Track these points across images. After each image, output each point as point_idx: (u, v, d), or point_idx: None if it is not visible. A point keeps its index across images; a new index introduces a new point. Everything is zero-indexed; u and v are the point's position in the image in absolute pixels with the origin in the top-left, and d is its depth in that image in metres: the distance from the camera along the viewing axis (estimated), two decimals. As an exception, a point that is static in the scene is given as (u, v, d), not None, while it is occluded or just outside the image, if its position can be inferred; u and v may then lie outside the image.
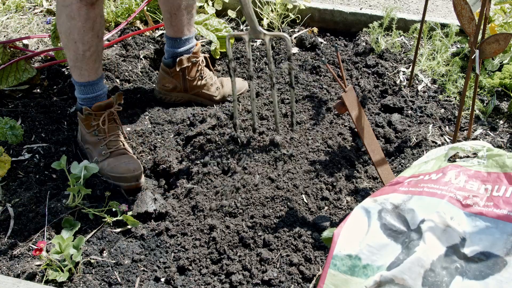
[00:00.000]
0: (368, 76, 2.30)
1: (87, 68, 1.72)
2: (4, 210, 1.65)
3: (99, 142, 1.79)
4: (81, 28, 1.62)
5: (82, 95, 1.78)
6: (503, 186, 1.08)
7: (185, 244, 1.55)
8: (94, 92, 1.78)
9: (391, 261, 1.04)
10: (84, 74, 1.73)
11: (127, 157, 1.78)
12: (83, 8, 1.59)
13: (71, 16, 1.60)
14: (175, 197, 1.73)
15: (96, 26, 1.65)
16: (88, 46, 1.67)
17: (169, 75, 2.11)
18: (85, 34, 1.64)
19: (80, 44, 1.65)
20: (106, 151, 1.78)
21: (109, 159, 1.77)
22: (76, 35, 1.63)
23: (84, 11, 1.59)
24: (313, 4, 2.70)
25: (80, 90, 1.78)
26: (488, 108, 2.08)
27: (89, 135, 1.80)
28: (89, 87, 1.76)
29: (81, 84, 1.76)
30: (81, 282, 1.43)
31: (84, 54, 1.68)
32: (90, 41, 1.66)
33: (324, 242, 1.25)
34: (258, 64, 2.45)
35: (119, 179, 1.72)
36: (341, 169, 1.83)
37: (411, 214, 1.10)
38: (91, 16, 1.61)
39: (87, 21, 1.61)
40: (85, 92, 1.77)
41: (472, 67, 1.65)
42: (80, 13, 1.59)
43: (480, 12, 1.58)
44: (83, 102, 1.79)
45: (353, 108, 1.56)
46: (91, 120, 1.78)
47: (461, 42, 2.49)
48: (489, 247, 1.00)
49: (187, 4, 1.97)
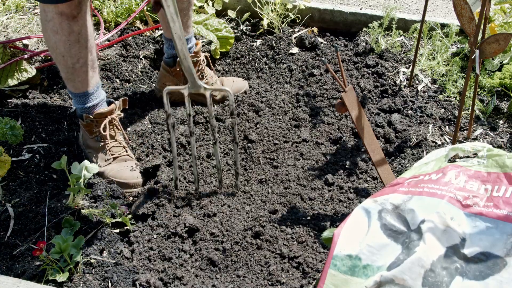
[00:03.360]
0: (368, 76, 2.30)
1: (79, 79, 1.69)
2: (4, 210, 1.65)
3: (101, 147, 1.79)
4: (66, 42, 1.58)
5: (79, 105, 1.76)
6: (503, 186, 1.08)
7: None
8: (91, 102, 1.75)
9: (391, 261, 1.04)
10: (77, 86, 1.70)
11: (130, 163, 1.79)
12: (64, 22, 1.54)
13: (55, 30, 1.56)
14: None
15: (82, 38, 1.61)
16: (76, 59, 1.63)
17: (170, 74, 2.12)
18: (71, 47, 1.60)
19: (68, 57, 1.62)
20: (109, 157, 1.77)
21: (112, 164, 1.77)
22: (63, 49, 1.60)
23: (66, 25, 1.55)
24: (313, 4, 2.70)
25: (77, 101, 1.75)
26: (488, 108, 2.08)
27: (91, 140, 1.80)
28: (85, 97, 1.74)
29: (76, 95, 1.73)
30: (81, 282, 1.43)
31: (74, 66, 1.65)
32: (77, 53, 1.62)
33: (324, 242, 1.25)
34: (258, 64, 2.45)
35: (122, 184, 1.73)
36: (341, 169, 1.83)
37: (411, 214, 1.10)
38: (75, 30, 1.57)
39: (71, 34, 1.57)
40: (81, 102, 1.75)
41: (472, 67, 1.65)
42: (63, 27, 1.55)
43: (480, 12, 1.58)
44: (82, 111, 1.77)
45: (353, 108, 1.56)
46: (93, 126, 1.77)
47: (461, 42, 2.49)
48: (489, 248, 1.00)
49: (182, 6, 1.95)
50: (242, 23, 2.74)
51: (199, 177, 1.77)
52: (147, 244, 1.55)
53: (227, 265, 1.48)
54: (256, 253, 1.50)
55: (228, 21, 2.76)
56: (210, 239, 1.54)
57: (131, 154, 1.85)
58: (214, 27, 2.44)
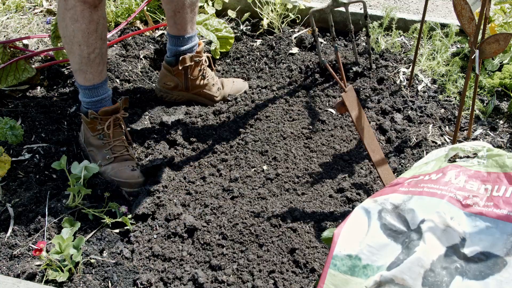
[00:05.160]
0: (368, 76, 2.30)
1: (92, 71, 1.71)
2: (4, 210, 1.65)
3: (104, 146, 1.79)
4: (85, 30, 1.62)
5: (87, 98, 1.77)
6: (503, 186, 1.08)
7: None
8: (99, 95, 1.77)
9: (391, 261, 1.04)
10: (89, 78, 1.73)
11: (131, 163, 1.79)
12: (86, 10, 1.59)
13: (75, 18, 1.60)
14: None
15: (100, 28, 1.65)
16: (92, 48, 1.67)
17: (171, 73, 2.11)
18: (89, 36, 1.64)
19: (85, 46, 1.65)
20: (111, 156, 1.78)
21: (113, 163, 1.77)
22: (81, 37, 1.63)
23: (88, 13, 1.60)
24: (313, 4, 2.70)
25: (85, 94, 1.77)
26: (488, 108, 2.08)
27: (93, 138, 1.80)
28: (94, 90, 1.76)
29: (86, 87, 1.75)
30: (81, 282, 1.43)
31: (89, 56, 1.68)
32: (94, 43, 1.66)
33: (324, 242, 1.25)
34: (258, 64, 2.45)
35: (122, 184, 1.73)
36: (340, 169, 1.83)
37: (411, 214, 1.10)
38: (94, 18, 1.62)
39: (91, 23, 1.62)
40: (89, 95, 1.76)
41: (472, 67, 1.65)
42: (84, 15, 1.60)
43: (480, 12, 1.58)
44: (88, 105, 1.78)
45: (353, 108, 1.57)
46: (97, 124, 1.78)
47: (461, 42, 2.49)
48: (489, 247, 1.00)
49: (191, 2, 1.97)
50: (242, 23, 2.74)
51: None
52: (147, 244, 1.55)
53: (227, 265, 1.48)
54: (257, 253, 1.50)
55: (228, 21, 2.76)
56: (210, 239, 1.54)
57: (132, 154, 1.85)
58: (214, 27, 2.44)
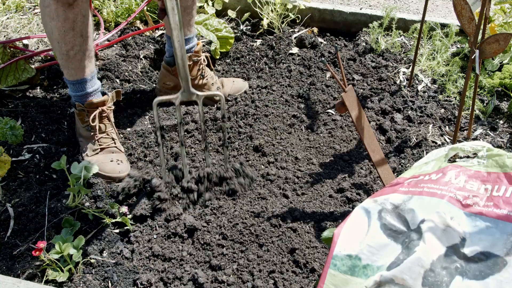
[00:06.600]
0: (368, 76, 2.30)
1: (73, 67, 1.73)
2: (4, 210, 1.65)
3: (91, 137, 1.82)
4: (61, 28, 1.63)
5: (73, 92, 1.81)
6: (503, 186, 1.08)
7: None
8: (84, 90, 1.79)
9: (391, 261, 1.04)
10: (71, 73, 1.75)
11: (117, 156, 1.81)
12: (60, 8, 1.59)
13: (51, 16, 1.61)
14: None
15: (77, 26, 1.64)
16: (71, 46, 1.67)
17: (170, 73, 2.12)
18: (65, 34, 1.64)
19: (62, 44, 1.66)
20: (97, 147, 1.81)
21: (99, 155, 1.79)
22: (58, 35, 1.64)
23: (62, 12, 1.60)
24: (313, 4, 2.70)
25: (71, 88, 1.80)
26: (488, 108, 2.08)
27: (83, 129, 1.84)
28: (78, 85, 1.77)
29: (70, 82, 1.78)
30: (81, 282, 1.43)
31: (68, 53, 1.69)
32: (72, 41, 1.66)
33: (324, 242, 1.25)
34: (258, 64, 2.45)
35: (103, 177, 1.75)
36: (340, 169, 1.83)
37: (411, 214, 1.10)
38: (70, 17, 1.61)
39: (66, 21, 1.61)
40: (75, 90, 1.79)
41: (472, 67, 1.65)
42: (58, 14, 1.60)
43: (480, 12, 1.58)
44: (75, 98, 1.82)
45: (353, 108, 1.56)
46: (84, 115, 1.81)
47: (461, 42, 2.49)
48: (489, 247, 1.00)
49: (186, 5, 1.96)
50: (242, 23, 2.74)
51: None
52: (147, 244, 1.55)
53: (227, 265, 1.48)
54: (257, 253, 1.50)
55: (228, 21, 2.76)
56: (210, 239, 1.54)
57: (120, 146, 1.87)
58: (214, 27, 2.44)
